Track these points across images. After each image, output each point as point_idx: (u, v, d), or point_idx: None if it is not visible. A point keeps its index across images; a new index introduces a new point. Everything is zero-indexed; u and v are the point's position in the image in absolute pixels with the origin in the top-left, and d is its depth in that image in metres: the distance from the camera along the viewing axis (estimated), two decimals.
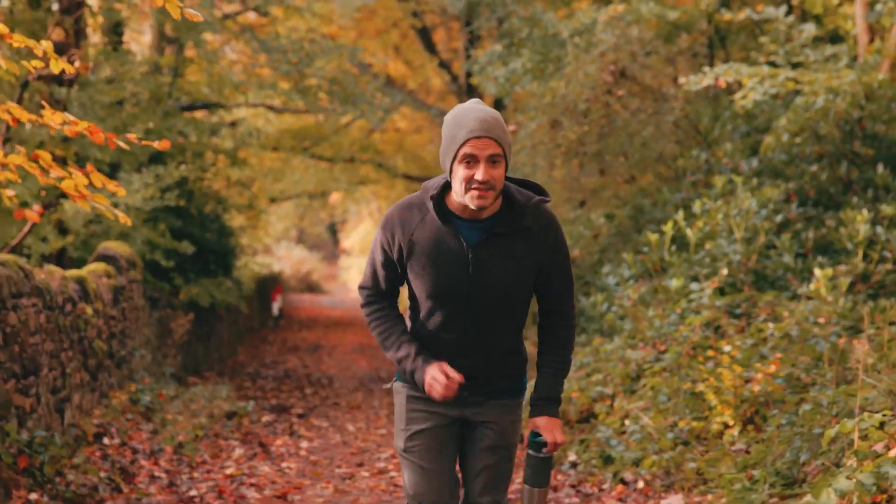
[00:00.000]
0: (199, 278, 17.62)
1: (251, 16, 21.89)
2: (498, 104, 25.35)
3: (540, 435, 4.19)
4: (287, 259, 50.42)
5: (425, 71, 29.68)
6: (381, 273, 4.23)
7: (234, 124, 20.80)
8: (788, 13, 15.26)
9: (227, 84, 17.34)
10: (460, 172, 3.98)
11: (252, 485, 8.29)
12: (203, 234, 17.86)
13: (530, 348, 9.82)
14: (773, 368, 7.75)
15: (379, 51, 29.68)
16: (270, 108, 23.16)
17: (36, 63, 5.89)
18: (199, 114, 19.77)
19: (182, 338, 14.93)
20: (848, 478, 4.96)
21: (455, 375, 4.08)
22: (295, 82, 17.69)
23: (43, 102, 6.37)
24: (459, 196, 4.02)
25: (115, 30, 16.98)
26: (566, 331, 4.27)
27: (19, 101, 11.02)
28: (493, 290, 4.10)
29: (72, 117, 6.06)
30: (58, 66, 5.91)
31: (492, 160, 3.95)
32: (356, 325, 31.10)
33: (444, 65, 27.04)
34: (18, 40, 5.76)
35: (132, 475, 7.98)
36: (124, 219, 6.12)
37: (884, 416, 5.30)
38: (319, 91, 17.69)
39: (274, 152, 28.78)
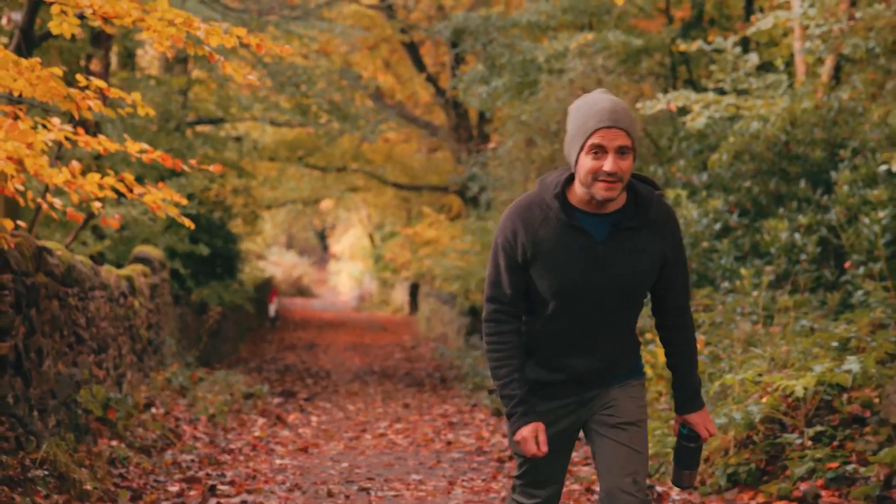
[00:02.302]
0: (208, 281, 19.43)
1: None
2: (481, 117, 27.20)
3: (688, 427, 4.19)
4: (279, 264, 52.03)
5: (413, 84, 31.35)
6: (506, 278, 4.04)
7: (238, 139, 22.60)
8: (743, 42, 17.15)
9: (235, 104, 19.16)
10: (587, 163, 3.85)
11: (277, 443, 10.17)
12: (212, 240, 19.66)
13: None
14: (698, 347, 9.64)
15: (370, 64, 31.46)
16: (272, 122, 24.96)
17: (91, 94, 7.58)
18: (201, 127, 21.61)
19: (212, 326, 16.79)
20: (725, 415, 6.85)
21: (544, 448, 4.02)
22: (297, 102, 19.54)
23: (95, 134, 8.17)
24: (586, 188, 3.90)
25: (128, 52, 18.82)
26: (691, 326, 4.20)
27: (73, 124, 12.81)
28: (622, 285, 4.00)
29: (147, 146, 7.89)
30: (114, 93, 7.65)
31: (621, 151, 3.83)
32: (347, 325, 32.93)
33: (430, 79, 28.70)
34: (95, 84, 7.50)
35: (179, 435, 9.83)
36: (189, 223, 7.96)
37: (758, 375, 7.18)
38: (319, 110, 19.53)
39: (270, 162, 30.40)
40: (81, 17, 7.34)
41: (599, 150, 3.82)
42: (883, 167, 10.02)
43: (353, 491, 7.71)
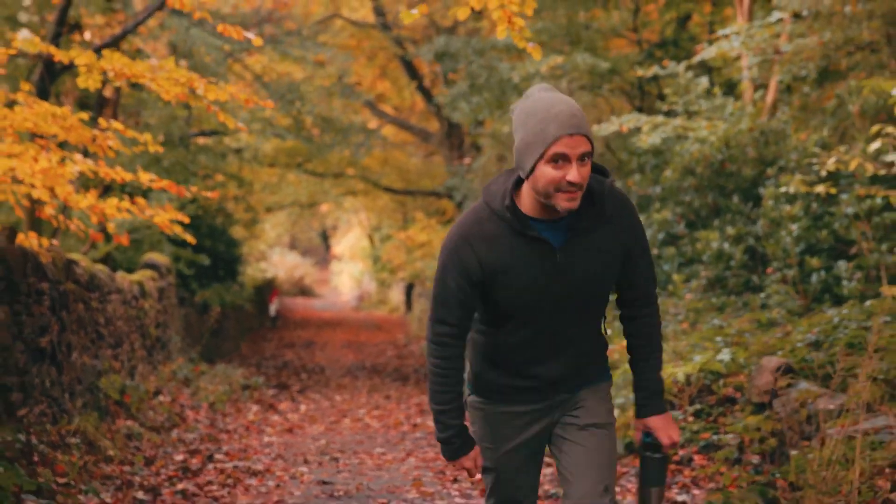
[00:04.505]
0: (210, 283, 21.09)
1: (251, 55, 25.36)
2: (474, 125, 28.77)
3: (652, 435, 3.96)
4: (281, 265, 53.40)
5: (409, 91, 32.79)
6: (457, 301, 3.81)
7: (239, 151, 24.25)
8: (702, 64, 18.73)
9: (235, 120, 20.78)
10: (548, 173, 3.59)
11: (267, 425, 11.84)
12: (214, 244, 21.31)
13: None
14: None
15: (368, 72, 32.90)
16: (272, 134, 26.58)
17: (111, 135, 9.17)
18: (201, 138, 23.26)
19: (214, 324, 18.48)
20: (624, 396, 8.47)
21: (478, 467, 3.97)
22: (293, 119, 21.22)
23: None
24: (544, 199, 3.65)
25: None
26: (655, 318, 4.00)
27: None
28: (584, 290, 3.80)
29: (155, 176, 9.53)
30: (130, 133, 9.27)
31: (582, 158, 3.59)
32: (345, 324, 34.50)
33: (422, 89, 30.16)
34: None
35: (184, 418, 11.48)
36: (191, 239, 9.62)
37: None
38: (312, 125, 21.22)
39: (270, 168, 31.91)
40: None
41: (561, 159, 3.57)
42: (782, 189, 11.60)
43: (326, 460, 9.39)
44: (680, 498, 7.23)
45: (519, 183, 3.79)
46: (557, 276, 3.76)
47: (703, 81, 16.76)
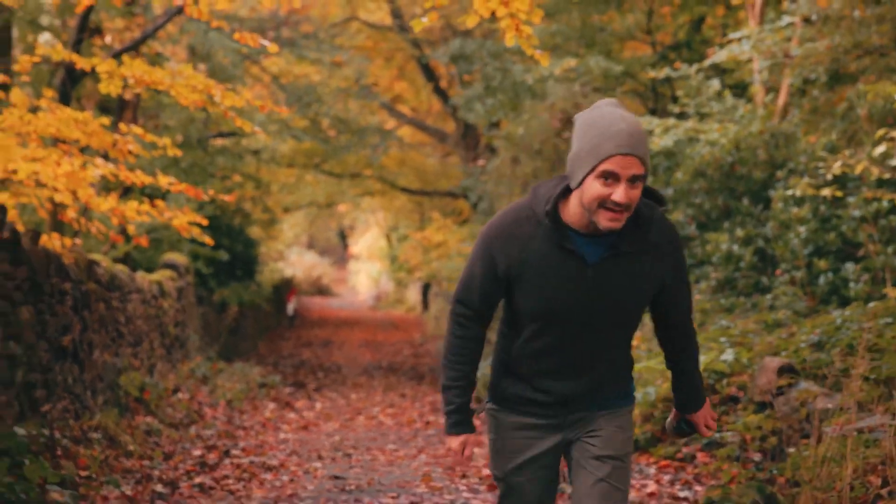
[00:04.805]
0: (228, 282, 21.37)
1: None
2: (490, 126, 28.96)
3: (684, 419, 4.05)
4: (299, 264, 53.65)
5: (426, 92, 32.98)
6: (479, 289, 3.80)
7: (256, 152, 24.52)
8: (715, 66, 18.91)
9: (251, 123, 21.06)
10: (595, 189, 3.53)
11: (283, 423, 12.09)
12: (232, 244, 21.59)
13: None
14: (635, 342, 11.47)
15: (385, 74, 33.11)
16: (290, 136, 26.85)
17: (131, 139, 9.44)
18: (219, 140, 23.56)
19: (231, 323, 18.78)
20: None
21: (467, 461, 3.92)
22: (310, 121, 21.50)
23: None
24: (588, 213, 3.59)
25: None
26: (693, 338, 3.95)
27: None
28: (612, 311, 3.72)
29: (174, 179, 9.79)
30: (149, 138, 9.52)
31: (633, 180, 3.52)
32: (362, 323, 34.74)
33: (438, 90, 30.34)
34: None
35: (202, 415, 11.74)
36: (209, 241, 9.87)
37: (660, 363, 9.01)
38: (329, 127, 21.49)
39: (289, 168, 32.17)
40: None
41: (611, 177, 3.51)
42: (789, 191, 11.80)
43: (339, 456, 9.64)
44: (682, 494, 7.44)
45: (568, 191, 3.70)
46: (585, 292, 3.67)
47: (715, 84, 16.94)
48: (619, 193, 3.50)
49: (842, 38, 13.88)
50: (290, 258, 52.02)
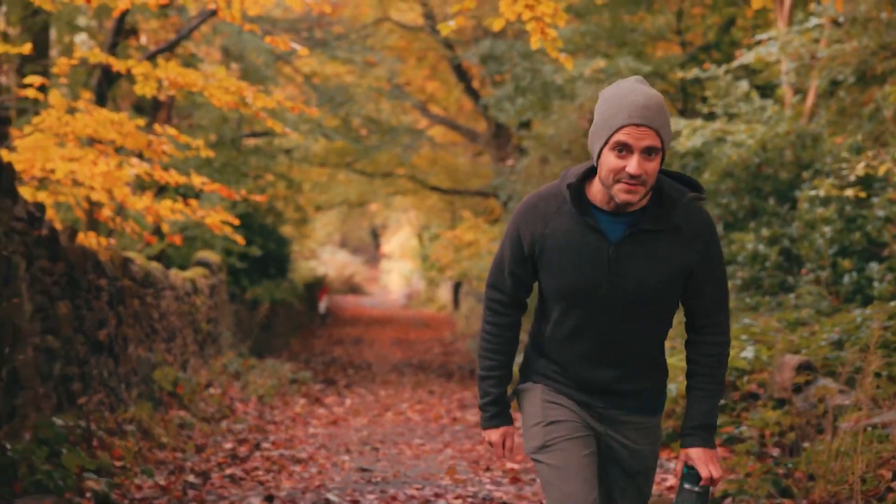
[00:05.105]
0: (261, 280, 21.65)
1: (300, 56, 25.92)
2: (521, 126, 29.14)
3: (693, 467, 3.69)
4: (331, 263, 53.96)
5: (457, 92, 33.16)
6: (510, 270, 3.77)
7: (288, 151, 24.80)
8: (744, 67, 19.02)
9: (282, 124, 21.36)
10: (610, 161, 3.49)
11: (313, 418, 12.32)
12: (264, 242, 21.86)
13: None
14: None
15: (417, 74, 33.29)
16: (322, 135, 27.11)
17: (165, 140, 9.70)
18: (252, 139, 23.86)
19: (263, 320, 19.05)
20: None
21: (508, 453, 3.84)
22: (342, 121, 21.75)
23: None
24: (605, 187, 3.55)
25: None
26: (720, 347, 3.75)
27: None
28: (634, 293, 3.62)
29: (205, 178, 10.04)
30: (183, 139, 9.77)
31: (647, 152, 3.46)
32: (394, 322, 34.98)
33: (470, 89, 30.49)
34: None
35: (233, 410, 11.99)
36: (241, 240, 10.11)
37: (680, 360, 9.17)
38: (360, 126, 21.75)
39: (321, 167, 32.43)
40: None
41: (624, 149, 3.47)
42: (813, 192, 11.92)
43: (367, 449, 9.86)
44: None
45: (594, 171, 3.65)
46: (606, 271, 3.60)
47: (744, 85, 17.05)
48: (632, 165, 3.46)
49: (869, 40, 13.98)
50: (323, 257, 52.26)
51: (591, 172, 3.66)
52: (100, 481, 6.50)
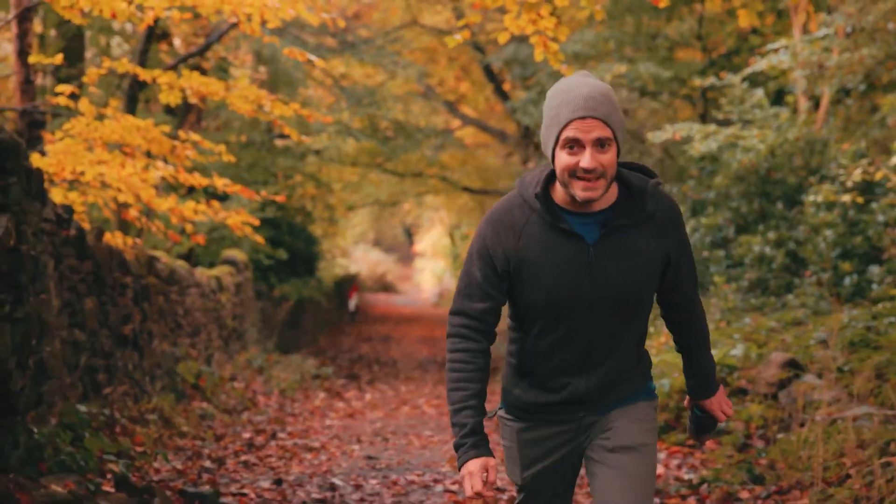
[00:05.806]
0: (289, 278, 22.21)
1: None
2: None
3: (697, 406, 3.89)
4: (364, 261, 54.45)
5: (487, 92, 33.55)
6: (481, 292, 3.57)
7: (318, 152, 25.34)
8: (757, 76, 19.40)
9: (311, 127, 21.92)
10: (563, 159, 3.37)
11: (332, 411, 12.87)
12: (293, 241, 22.41)
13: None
14: (663, 339, 12.07)
15: (448, 74, 33.67)
16: (350, 135, 27.64)
17: (189, 146, 10.23)
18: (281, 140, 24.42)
19: (284, 317, 19.60)
20: None
21: (487, 492, 3.51)
22: (369, 121, 22.31)
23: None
24: (564, 186, 3.43)
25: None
26: (703, 322, 3.79)
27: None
28: (620, 292, 3.52)
29: (228, 180, 10.57)
30: (206, 144, 10.29)
31: (599, 144, 3.35)
32: (423, 320, 35.44)
33: (500, 91, 30.85)
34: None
35: (255, 402, 12.53)
36: (260, 240, 10.64)
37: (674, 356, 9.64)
38: (387, 130, 22.30)
39: (352, 167, 32.90)
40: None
41: (575, 144, 3.35)
42: (811, 197, 12.33)
43: (377, 440, 10.38)
44: (686, 476, 8.07)
45: (554, 173, 3.50)
46: (588, 274, 3.48)
47: (759, 93, 17.44)
48: (585, 159, 3.34)
49: (877, 50, 14.36)
50: (355, 255, 52.64)
51: (552, 176, 3.53)
52: (119, 463, 7.03)
